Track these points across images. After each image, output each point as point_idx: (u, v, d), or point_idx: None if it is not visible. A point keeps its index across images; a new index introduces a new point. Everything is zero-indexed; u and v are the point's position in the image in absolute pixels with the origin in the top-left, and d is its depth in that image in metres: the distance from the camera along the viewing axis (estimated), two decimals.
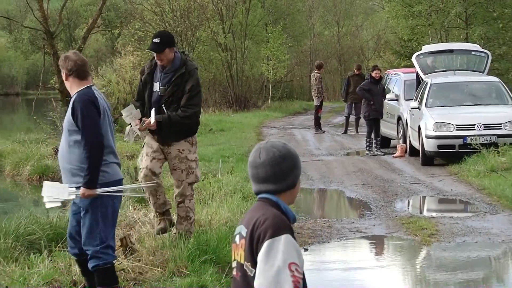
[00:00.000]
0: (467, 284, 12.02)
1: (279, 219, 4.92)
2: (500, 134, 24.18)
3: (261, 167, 5.08)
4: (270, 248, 4.78)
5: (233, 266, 5.16)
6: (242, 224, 5.10)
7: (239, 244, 5.05)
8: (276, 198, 5.07)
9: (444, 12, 50.55)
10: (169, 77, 11.83)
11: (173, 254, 12.51)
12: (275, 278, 4.72)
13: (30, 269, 12.20)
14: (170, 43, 11.97)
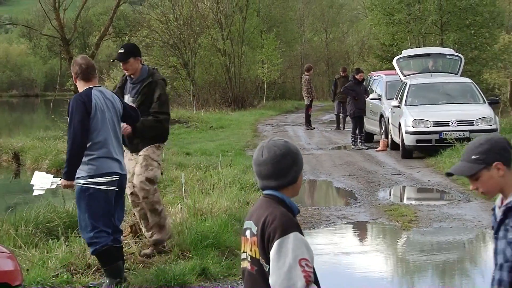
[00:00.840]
0: (443, 265, 12.05)
1: (286, 218, 4.90)
2: (472, 129, 24.23)
3: (263, 165, 5.05)
4: (280, 247, 4.78)
5: (244, 258, 5.14)
6: (251, 221, 5.06)
7: (251, 240, 5.02)
8: (281, 195, 5.05)
9: (421, 20, 50.60)
10: (137, 88, 11.41)
11: (178, 240, 12.54)
12: (287, 274, 4.74)
13: (49, 253, 12.20)
14: (134, 53, 11.57)
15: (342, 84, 35.26)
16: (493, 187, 5.15)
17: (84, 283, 11.04)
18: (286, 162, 5.08)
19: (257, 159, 5.10)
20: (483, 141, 5.18)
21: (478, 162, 5.13)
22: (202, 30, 53.08)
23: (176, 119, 39.84)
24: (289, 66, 63.77)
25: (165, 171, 20.44)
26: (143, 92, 11.20)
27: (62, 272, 11.38)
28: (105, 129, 9.88)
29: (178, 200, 15.23)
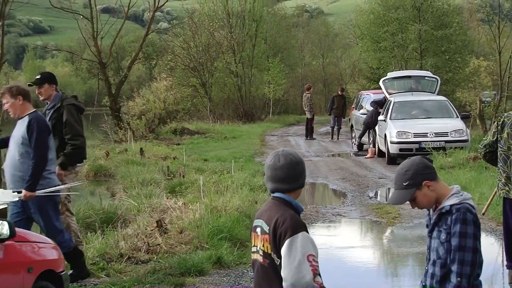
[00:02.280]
0: (422, 255, 12.00)
1: (295, 219, 4.92)
2: (447, 140, 24.36)
3: (280, 169, 5.04)
4: (291, 245, 4.81)
5: (254, 251, 5.17)
6: (262, 220, 5.07)
7: (262, 237, 5.03)
8: (288, 198, 5.06)
9: (404, 47, 50.58)
10: (50, 113, 10.69)
11: (197, 233, 12.53)
12: (297, 268, 4.76)
13: (87, 244, 12.19)
14: (50, 80, 10.93)
15: (339, 101, 35.52)
16: (429, 201, 5.23)
17: (117, 269, 11.03)
18: (299, 169, 5.10)
19: (274, 164, 5.08)
20: (407, 167, 5.28)
21: (410, 187, 5.22)
22: (218, 55, 53.14)
23: (195, 130, 39.89)
24: (291, 86, 63.72)
25: (185, 175, 20.44)
26: (53, 117, 10.60)
27: (99, 260, 11.38)
28: (52, 148, 9.74)
29: (197, 200, 15.20)
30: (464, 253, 4.99)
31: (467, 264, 4.99)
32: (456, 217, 5.06)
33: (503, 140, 8.44)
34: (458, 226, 5.03)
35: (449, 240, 5.07)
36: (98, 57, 37.94)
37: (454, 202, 5.14)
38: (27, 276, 7.33)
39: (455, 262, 5.01)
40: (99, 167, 25.80)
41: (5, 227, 7.03)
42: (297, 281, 4.76)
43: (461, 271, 4.99)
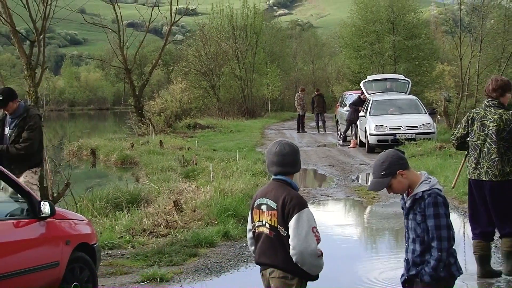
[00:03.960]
0: (396, 228, 12.00)
1: (300, 198, 5.04)
2: (417, 132, 24.45)
3: (286, 156, 5.13)
4: (299, 219, 4.91)
5: (258, 225, 5.21)
6: (268, 198, 5.13)
7: (269, 213, 5.09)
8: (289, 179, 5.18)
9: (380, 54, 50.72)
10: (14, 122, 10.02)
11: (207, 211, 12.55)
12: (305, 238, 4.88)
13: (115, 221, 12.22)
14: (12, 96, 10.01)
15: (318, 100, 35.63)
16: (403, 187, 5.27)
17: (141, 242, 11.05)
18: (298, 156, 5.25)
19: (280, 151, 5.16)
20: (383, 159, 5.28)
21: (386, 175, 5.23)
22: (224, 62, 53.12)
23: (206, 125, 39.93)
24: (286, 88, 63.77)
25: (198, 162, 20.45)
26: (19, 125, 9.98)
27: (125, 234, 11.39)
28: None
29: (207, 183, 15.22)
30: (441, 231, 5.04)
31: (445, 239, 5.04)
32: (428, 201, 5.10)
33: (473, 132, 8.51)
34: (432, 209, 5.07)
35: (424, 221, 5.11)
36: (124, 64, 37.95)
37: (425, 189, 5.17)
38: (66, 247, 7.34)
39: (434, 239, 5.05)
40: (125, 156, 25.90)
41: (47, 207, 7.03)
42: (305, 248, 4.87)
43: (441, 246, 5.03)
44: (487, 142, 8.38)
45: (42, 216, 7.01)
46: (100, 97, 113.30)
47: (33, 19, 14.64)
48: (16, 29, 14.52)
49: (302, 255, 4.86)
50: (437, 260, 5.02)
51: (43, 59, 14.75)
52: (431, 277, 5.06)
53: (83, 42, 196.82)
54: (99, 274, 8.25)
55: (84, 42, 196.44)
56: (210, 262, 9.88)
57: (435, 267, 5.03)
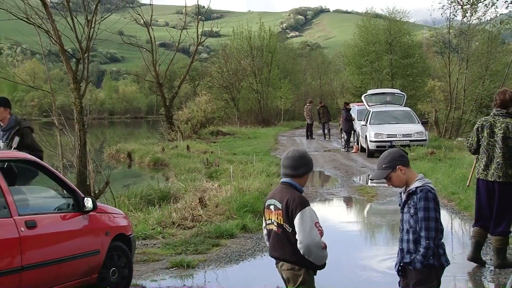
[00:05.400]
0: (393, 224, 11.95)
1: (302, 198, 5.01)
2: (411, 139, 24.42)
3: (297, 160, 5.12)
4: (302, 216, 4.88)
5: (269, 223, 5.21)
6: (275, 199, 5.13)
7: (276, 212, 5.09)
8: (294, 182, 5.12)
9: (379, 71, 50.55)
10: (7, 135, 9.15)
11: (228, 207, 12.55)
12: (310, 232, 4.86)
13: (148, 215, 12.26)
14: (4, 104, 9.30)
15: (322, 111, 35.68)
16: (401, 182, 5.29)
17: (170, 233, 11.07)
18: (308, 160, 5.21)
19: (292, 156, 5.15)
20: (387, 154, 5.35)
21: (387, 168, 5.27)
22: (243, 78, 53.20)
23: (227, 132, 39.96)
24: (297, 100, 63.56)
25: (220, 164, 20.47)
26: (12, 137, 9.09)
27: (157, 226, 11.42)
28: None
29: (228, 183, 15.22)
30: (429, 222, 5.03)
31: (432, 230, 5.02)
32: (420, 196, 5.10)
33: (483, 138, 8.58)
34: (422, 203, 5.07)
35: (416, 213, 5.11)
36: (157, 79, 38.06)
37: (418, 185, 5.18)
38: (105, 238, 7.37)
39: (423, 229, 5.04)
40: (157, 159, 25.96)
41: (89, 202, 7.08)
42: (311, 242, 4.85)
43: (428, 235, 5.03)
44: (496, 147, 8.45)
45: (86, 210, 7.06)
46: (135, 107, 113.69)
47: (79, 40, 14.74)
48: (64, 48, 14.61)
49: (308, 247, 4.85)
50: (426, 248, 5.02)
51: (87, 74, 14.84)
52: (422, 264, 5.06)
53: (121, 60, 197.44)
54: (134, 261, 8.27)
55: (122, 60, 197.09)
56: (230, 251, 9.89)
57: (424, 254, 5.03)
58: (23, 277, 5.99)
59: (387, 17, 54.97)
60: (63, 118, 15.09)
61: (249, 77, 53.58)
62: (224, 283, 8.19)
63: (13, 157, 7.08)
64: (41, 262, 6.22)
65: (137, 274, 8.46)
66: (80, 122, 14.21)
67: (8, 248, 5.88)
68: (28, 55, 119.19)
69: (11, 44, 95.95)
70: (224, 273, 8.75)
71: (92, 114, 16.25)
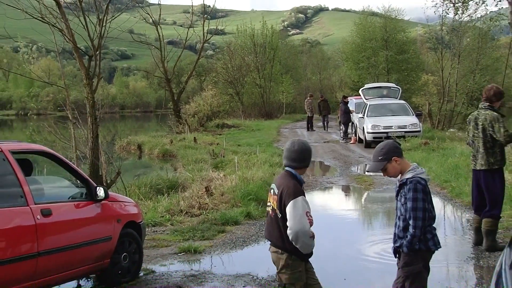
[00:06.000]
0: (388, 210, 11.93)
1: (297, 187, 4.93)
2: (406, 130, 24.37)
3: (294, 153, 5.06)
4: (294, 204, 4.82)
5: (268, 205, 5.18)
6: (275, 184, 5.09)
7: (273, 196, 5.06)
8: (295, 172, 5.06)
9: (375, 66, 50.49)
10: None
11: (233, 195, 12.55)
12: (300, 220, 4.79)
13: (157, 203, 12.27)
14: None
15: (323, 105, 35.70)
16: (396, 172, 5.31)
17: (178, 220, 11.08)
18: (306, 154, 5.12)
19: (290, 147, 5.11)
20: (383, 146, 5.35)
21: (383, 160, 5.28)
22: (247, 73, 53.13)
23: (232, 125, 39.96)
24: (298, 94, 63.40)
25: (225, 155, 20.48)
26: None
27: (165, 214, 11.43)
28: None
29: (233, 172, 15.22)
30: (416, 212, 5.07)
31: (419, 219, 5.06)
32: (409, 187, 5.14)
33: (470, 131, 8.75)
34: (411, 193, 5.10)
35: (406, 203, 5.14)
36: (165, 75, 38.04)
37: (409, 176, 5.20)
38: (117, 225, 7.38)
39: (411, 218, 5.09)
40: (166, 150, 25.97)
41: (102, 191, 7.09)
42: (300, 229, 4.78)
43: (415, 224, 5.07)
44: (479, 138, 8.57)
45: (98, 199, 7.07)
46: (145, 102, 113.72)
47: (91, 38, 14.73)
48: (77, 46, 14.59)
49: (296, 234, 4.79)
50: (412, 236, 5.08)
51: (99, 70, 14.83)
52: (408, 249, 5.13)
53: (132, 57, 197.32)
54: (144, 246, 8.29)
55: (132, 57, 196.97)
56: (235, 237, 9.89)
57: (410, 241, 5.10)
58: (39, 262, 6.01)
59: (383, 15, 54.93)
60: (76, 112, 15.10)
61: (253, 73, 53.50)
62: (229, 267, 8.19)
63: (30, 149, 7.09)
64: (56, 248, 6.24)
65: (147, 259, 8.47)
66: (92, 115, 14.21)
67: (25, 235, 5.90)
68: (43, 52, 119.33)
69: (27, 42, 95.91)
70: (229, 258, 8.75)
71: (104, 108, 16.24)
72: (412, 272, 5.18)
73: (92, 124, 14.15)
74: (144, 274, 7.90)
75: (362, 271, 7.87)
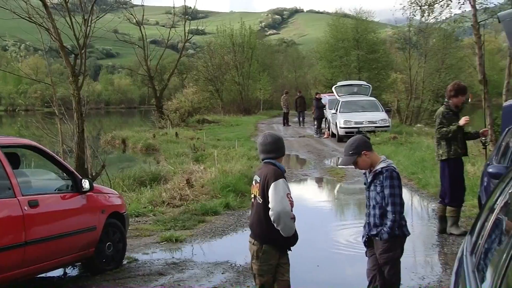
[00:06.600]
0: (359, 201, 12.01)
1: (277, 171, 4.88)
2: (376, 126, 24.55)
3: (268, 145, 5.01)
4: (275, 187, 4.78)
5: (252, 197, 5.10)
6: (257, 175, 5.05)
7: (256, 186, 5.00)
8: (274, 161, 5.00)
9: (347, 65, 50.63)
10: None
11: (213, 187, 12.53)
12: (281, 201, 4.75)
13: (141, 195, 12.22)
14: None
15: (300, 101, 35.68)
16: (366, 165, 5.32)
17: (160, 211, 11.05)
18: (280, 143, 5.08)
19: (263, 141, 5.05)
20: (353, 141, 5.34)
21: (353, 154, 5.28)
22: (226, 71, 53.01)
23: (212, 120, 39.88)
24: (275, 91, 63.17)
25: (205, 149, 20.43)
26: None
27: (148, 205, 11.39)
28: None
29: (213, 165, 15.20)
30: (394, 198, 5.11)
31: (397, 205, 5.11)
32: (386, 175, 5.16)
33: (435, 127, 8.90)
34: (388, 181, 5.13)
35: (383, 191, 5.16)
36: (148, 72, 37.91)
37: (383, 166, 5.24)
38: (101, 215, 7.35)
39: (389, 204, 5.11)
40: (149, 144, 25.86)
41: (87, 183, 7.05)
42: (282, 209, 4.73)
43: (394, 210, 5.11)
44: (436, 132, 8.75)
45: (83, 191, 7.03)
46: (129, 98, 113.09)
47: (77, 37, 14.59)
48: (63, 45, 14.45)
49: (279, 214, 4.73)
50: (392, 221, 5.09)
51: (84, 68, 14.70)
52: (389, 235, 5.12)
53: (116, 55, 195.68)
54: (127, 236, 8.25)
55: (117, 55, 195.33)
56: (214, 227, 9.89)
57: (391, 226, 5.10)
58: (27, 251, 5.97)
59: (355, 16, 55.12)
60: (63, 108, 14.95)
61: (232, 71, 53.37)
62: (209, 255, 8.19)
63: (18, 143, 7.03)
64: (43, 238, 6.20)
65: (130, 248, 8.43)
66: (78, 111, 14.09)
67: (13, 225, 5.86)
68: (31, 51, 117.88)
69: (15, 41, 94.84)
70: (209, 246, 8.75)
71: (89, 104, 16.12)
72: (392, 258, 5.20)
73: (78, 119, 14.04)
74: (128, 262, 7.87)
75: (334, 258, 7.92)
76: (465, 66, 41.53)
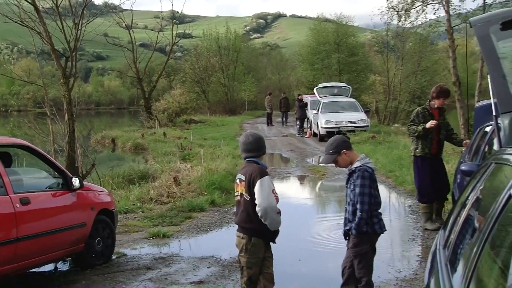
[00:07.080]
0: (339, 197, 12.03)
1: (261, 169, 4.92)
2: (355, 125, 24.63)
3: (250, 144, 5.02)
4: (261, 184, 4.81)
5: (236, 195, 5.12)
6: (241, 174, 5.04)
7: (240, 184, 5.01)
8: (256, 159, 5.04)
9: (328, 68, 50.79)
10: None
11: (199, 185, 12.51)
12: (267, 197, 4.79)
13: (129, 192, 12.16)
14: None
15: (284, 102, 35.64)
16: (346, 163, 5.35)
17: (148, 208, 11.01)
18: (261, 142, 5.10)
19: (245, 141, 5.06)
20: (333, 141, 5.38)
21: (333, 153, 5.33)
22: (212, 73, 52.92)
23: (199, 120, 39.80)
24: (259, 92, 63.13)
25: (192, 148, 20.38)
26: None
27: (137, 202, 11.34)
28: None
29: (199, 164, 15.17)
30: (363, 197, 5.12)
31: (365, 204, 5.12)
32: (357, 174, 5.19)
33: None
34: (359, 180, 5.16)
35: (354, 189, 5.18)
36: (137, 74, 37.75)
37: (358, 165, 5.26)
38: (91, 212, 7.32)
39: (358, 203, 5.14)
40: (137, 144, 25.74)
41: (77, 181, 7.02)
42: (268, 205, 4.78)
43: (362, 208, 5.13)
44: None
45: (73, 189, 7.00)
46: (119, 99, 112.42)
47: (68, 41, 14.49)
48: (55, 48, 14.35)
49: (265, 210, 4.77)
50: (359, 219, 5.12)
51: (75, 70, 14.61)
52: (356, 231, 5.16)
53: (106, 58, 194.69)
54: (116, 232, 8.21)
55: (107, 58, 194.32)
56: (200, 223, 9.87)
57: (358, 223, 5.13)
58: (19, 247, 5.93)
59: (335, 21, 55.34)
60: (54, 109, 14.84)
61: (218, 73, 53.31)
62: (195, 250, 8.17)
63: (10, 143, 6.98)
64: (35, 234, 6.16)
65: (119, 243, 8.40)
66: (69, 112, 14.00)
67: (5, 222, 5.81)
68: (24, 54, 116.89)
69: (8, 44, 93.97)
70: (195, 242, 8.73)
71: (80, 105, 16.02)
72: (360, 252, 5.23)
73: (69, 119, 13.95)
74: (117, 257, 7.84)
75: (315, 252, 7.93)
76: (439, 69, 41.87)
